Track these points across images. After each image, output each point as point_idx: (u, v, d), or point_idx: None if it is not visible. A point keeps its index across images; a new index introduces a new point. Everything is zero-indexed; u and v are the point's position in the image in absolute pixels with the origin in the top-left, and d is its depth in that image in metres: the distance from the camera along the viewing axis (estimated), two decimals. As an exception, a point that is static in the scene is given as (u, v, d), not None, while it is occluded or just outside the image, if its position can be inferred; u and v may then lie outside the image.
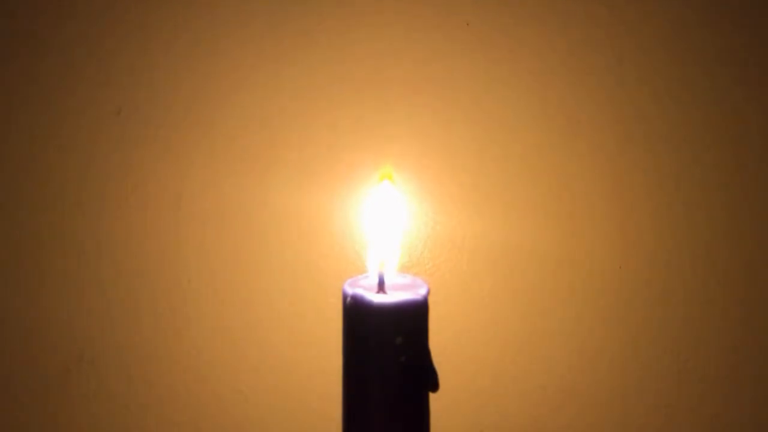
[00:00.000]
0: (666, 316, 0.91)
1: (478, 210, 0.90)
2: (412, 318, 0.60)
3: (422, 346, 0.61)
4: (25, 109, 0.90)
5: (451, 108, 0.90)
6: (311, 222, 0.90)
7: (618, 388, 0.92)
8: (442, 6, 0.89)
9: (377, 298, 0.60)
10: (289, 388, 0.91)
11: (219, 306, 0.91)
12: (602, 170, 0.90)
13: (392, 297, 0.60)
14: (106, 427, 0.92)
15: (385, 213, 0.64)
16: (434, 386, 0.61)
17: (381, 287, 0.61)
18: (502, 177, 0.90)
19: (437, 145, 0.90)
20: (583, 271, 0.90)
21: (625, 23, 0.89)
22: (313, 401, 0.91)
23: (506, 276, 0.90)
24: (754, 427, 0.92)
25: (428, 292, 0.61)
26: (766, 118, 0.90)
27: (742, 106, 0.90)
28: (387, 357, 0.60)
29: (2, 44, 0.90)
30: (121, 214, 0.90)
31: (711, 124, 0.90)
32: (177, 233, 0.90)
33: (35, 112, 0.90)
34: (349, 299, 0.60)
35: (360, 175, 0.89)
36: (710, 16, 0.89)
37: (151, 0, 0.89)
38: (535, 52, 0.89)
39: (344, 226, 0.90)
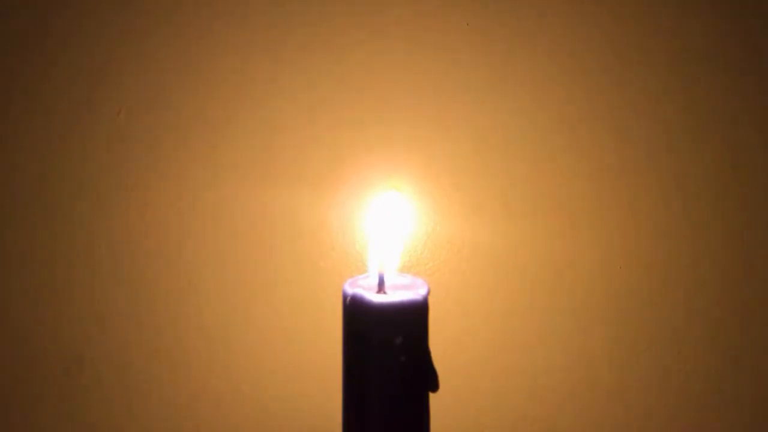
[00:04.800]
0: (666, 316, 0.91)
1: (477, 210, 0.90)
2: (412, 318, 0.61)
3: (422, 346, 0.61)
4: (25, 109, 0.90)
5: (450, 109, 0.90)
6: (311, 222, 0.90)
7: (618, 388, 0.92)
8: (442, 6, 0.89)
9: (377, 298, 0.60)
10: (289, 387, 0.91)
11: (219, 306, 0.91)
12: (602, 171, 0.90)
13: (392, 297, 0.60)
14: (106, 427, 0.92)
15: (388, 216, 0.65)
16: (434, 386, 0.61)
17: (381, 287, 0.61)
18: (501, 178, 0.90)
19: (437, 146, 0.90)
20: (583, 272, 0.90)
21: (624, 24, 0.89)
22: (313, 401, 0.91)
23: (506, 276, 0.90)
24: (756, 427, 0.92)
25: (428, 292, 0.61)
26: (766, 117, 0.90)
27: (742, 106, 0.90)
28: (387, 357, 0.60)
29: (4, 45, 0.90)
30: (121, 214, 0.90)
31: (710, 125, 0.90)
32: (177, 233, 0.90)
33: (35, 112, 0.90)
34: (349, 299, 0.60)
35: (360, 176, 0.89)
36: (710, 17, 0.89)
37: (152, 2, 0.89)
38: (535, 53, 0.89)
39: (344, 227, 0.90)
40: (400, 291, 0.61)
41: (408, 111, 0.90)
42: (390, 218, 0.65)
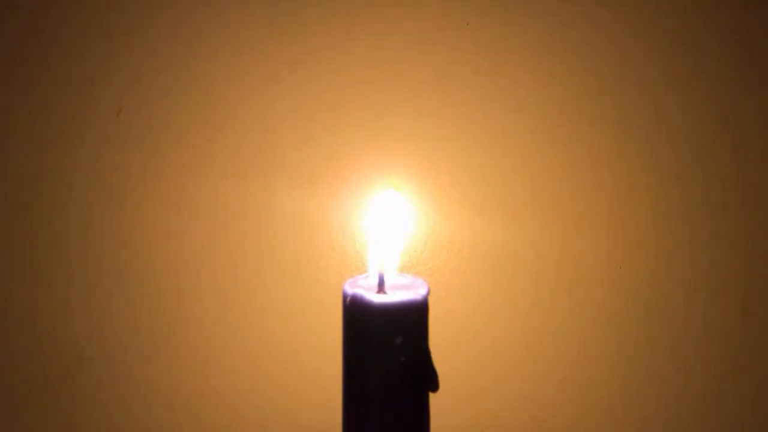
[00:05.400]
0: (666, 316, 0.91)
1: (478, 210, 0.90)
2: (412, 318, 0.61)
3: (422, 346, 0.61)
4: (26, 109, 0.90)
5: (450, 108, 0.90)
6: (311, 222, 0.90)
7: (618, 388, 0.92)
8: (442, 6, 0.89)
9: (377, 298, 0.60)
10: (289, 387, 0.91)
11: (219, 306, 0.91)
12: (602, 170, 0.90)
13: (392, 297, 0.60)
14: (106, 427, 0.92)
15: (388, 216, 0.65)
16: (434, 386, 0.61)
17: (381, 287, 0.61)
18: (501, 177, 0.90)
19: (437, 146, 0.90)
20: (583, 272, 0.90)
21: (624, 24, 0.89)
22: (314, 401, 0.91)
23: (506, 276, 0.90)
24: (756, 427, 0.92)
25: (428, 292, 0.61)
26: (766, 117, 0.90)
27: (743, 106, 0.90)
28: (387, 357, 0.60)
29: (3, 45, 0.90)
30: (121, 214, 0.90)
31: (711, 124, 0.90)
32: (177, 233, 0.90)
33: (35, 112, 0.90)
34: (349, 299, 0.60)
35: (360, 176, 0.89)
36: (710, 16, 0.89)
37: (152, 2, 0.89)
38: (535, 53, 0.89)
39: (344, 226, 0.90)
40: (400, 291, 0.61)
41: (408, 110, 0.90)
42: (390, 218, 0.65)
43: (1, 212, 0.91)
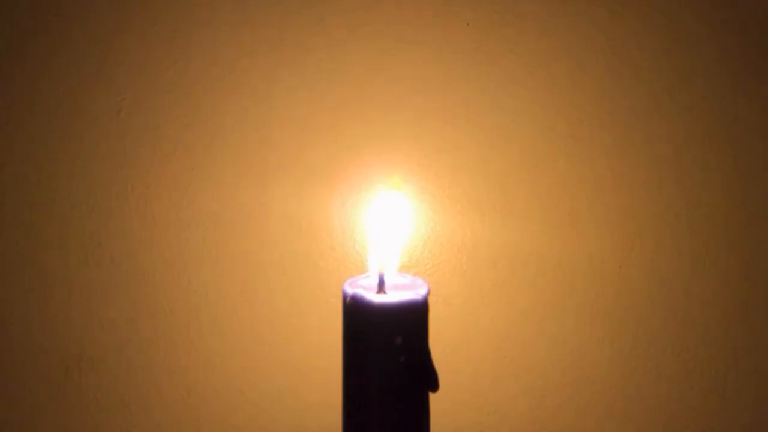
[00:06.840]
0: (666, 316, 0.91)
1: (478, 210, 0.90)
2: (412, 318, 0.61)
3: (422, 346, 0.61)
4: (26, 109, 0.90)
5: (450, 108, 0.90)
6: (311, 222, 0.90)
7: (618, 388, 0.92)
8: (442, 6, 0.89)
9: (377, 298, 0.60)
10: (289, 387, 0.91)
11: (219, 306, 0.91)
12: (602, 171, 0.90)
13: (392, 297, 0.60)
14: (106, 427, 0.92)
15: (389, 216, 0.65)
16: (434, 386, 0.61)
17: (381, 287, 0.61)
18: (501, 178, 0.90)
19: (437, 146, 0.90)
20: (583, 272, 0.90)
21: (624, 24, 0.89)
22: (313, 401, 0.91)
23: (506, 276, 0.90)
24: (755, 427, 0.92)
25: (428, 292, 0.61)
26: (766, 118, 0.90)
27: (742, 107, 0.90)
28: (387, 357, 0.60)
29: (3, 44, 0.90)
30: (121, 214, 0.90)
31: (710, 125, 0.90)
32: (177, 233, 0.90)
33: (35, 112, 0.90)
34: (349, 299, 0.60)
35: (360, 176, 0.89)
36: (710, 17, 0.89)
37: (152, 2, 0.89)
38: (535, 53, 0.89)
39: (344, 227, 0.90)
40: (400, 291, 0.61)
41: (408, 110, 0.90)
42: (390, 218, 0.65)
43: (2, 212, 0.91)
